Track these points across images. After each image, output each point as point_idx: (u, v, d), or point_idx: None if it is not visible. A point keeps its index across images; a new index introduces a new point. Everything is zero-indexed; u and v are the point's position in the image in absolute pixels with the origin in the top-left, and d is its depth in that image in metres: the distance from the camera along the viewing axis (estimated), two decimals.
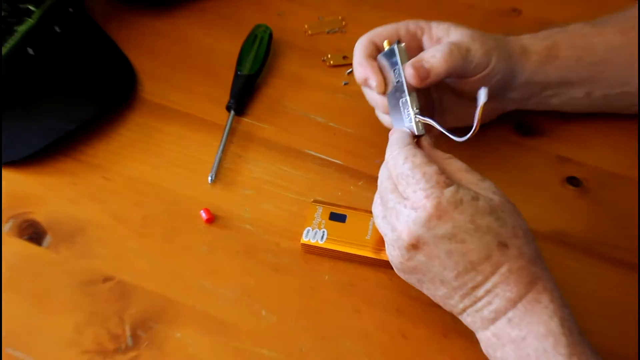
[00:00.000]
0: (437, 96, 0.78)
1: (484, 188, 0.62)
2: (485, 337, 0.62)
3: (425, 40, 0.74)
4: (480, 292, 0.61)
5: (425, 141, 0.67)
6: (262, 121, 0.83)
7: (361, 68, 0.73)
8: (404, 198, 0.62)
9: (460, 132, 0.65)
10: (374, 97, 0.74)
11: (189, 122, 0.82)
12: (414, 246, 0.61)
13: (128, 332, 0.66)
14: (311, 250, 0.71)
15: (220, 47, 0.89)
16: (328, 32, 0.92)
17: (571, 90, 0.78)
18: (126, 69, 0.85)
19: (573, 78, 0.77)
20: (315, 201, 0.74)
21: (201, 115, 0.82)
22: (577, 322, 0.60)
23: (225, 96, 0.83)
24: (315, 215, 0.73)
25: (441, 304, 0.65)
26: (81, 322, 0.67)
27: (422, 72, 0.69)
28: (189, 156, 0.79)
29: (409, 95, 0.68)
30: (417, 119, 0.67)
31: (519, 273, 0.60)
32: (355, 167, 0.79)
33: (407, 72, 0.69)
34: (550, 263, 0.72)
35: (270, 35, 0.88)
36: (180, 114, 0.83)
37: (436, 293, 0.64)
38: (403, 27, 0.74)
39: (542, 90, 0.78)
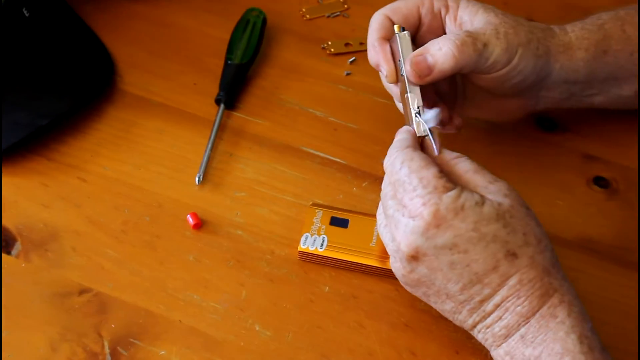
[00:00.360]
0: (459, 83, 0.77)
1: (494, 191, 0.63)
2: (498, 356, 0.63)
3: (448, 22, 0.73)
4: (489, 306, 0.62)
5: (430, 140, 0.66)
6: (255, 115, 0.84)
7: (373, 51, 0.71)
8: (403, 206, 0.62)
9: (480, 125, 0.65)
10: (388, 85, 0.74)
11: (173, 117, 0.83)
12: (414, 257, 0.62)
13: (107, 350, 0.68)
14: (310, 258, 0.73)
15: (208, 32, 0.90)
16: (328, 17, 0.93)
17: (618, 88, 0.77)
18: (103, 57, 0.86)
19: (622, 74, 0.76)
20: (314, 204, 0.76)
21: (187, 109, 0.84)
22: (605, 338, 0.61)
23: (214, 88, 0.85)
24: (314, 220, 0.74)
25: (451, 319, 0.66)
26: (55, 338, 0.68)
27: (423, 69, 0.68)
28: (173, 154, 0.80)
29: (410, 91, 0.68)
30: (417, 120, 0.67)
31: (530, 285, 0.61)
32: (359, 167, 0.80)
33: (406, 68, 0.68)
34: (575, 273, 0.73)
35: (264, 20, 0.89)
36: (163, 108, 0.84)
37: (443, 307, 0.65)
38: (427, 2, 0.72)
39: (585, 89, 0.76)
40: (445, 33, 0.73)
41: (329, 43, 0.90)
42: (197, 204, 0.77)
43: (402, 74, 0.69)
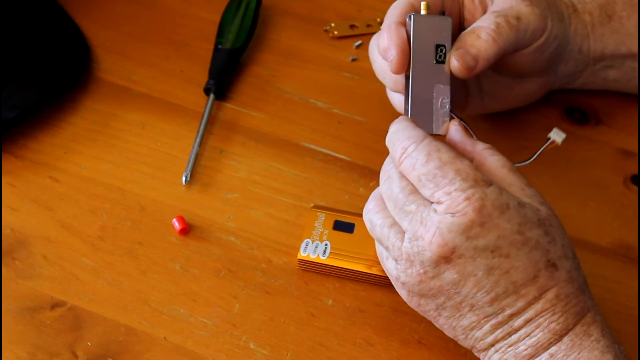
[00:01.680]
0: (472, 78, 0.77)
1: (530, 195, 0.63)
2: None
3: (468, 4, 0.74)
4: (519, 321, 0.62)
5: (453, 125, 0.68)
6: (249, 107, 0.84)
7: (388, 34, 0.71)
8: (436, 202, 0.61)
9: (503, 118, 0.65)
10: (385, 72, 0.74)
11: (157, 108, 0.83)
12: (446, 259, 0.61)
13: None
14: (311, 267, 0.73)
15: (196, 13, 0.90)
16: None
17: (632, 60, 0.79)
18: (77, 42, 0.86)
19: (634, 45, 0.78)
20: (316, 207, 0.75)
21: (172, 100, 0.84)
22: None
23: (202, 76, 0.85)
24: (316, 225, 0.74)
25: (460, 336, 0.65)
26: (24, 358, 0.68)
27: (470, 61, 0.69)
28: (157, 151, 0.80)
29: (444, 84, 0.70)
30: (451, 115, 0.69)
31: (567, 300, 0.61)
32: (366, 164, 0.80)
33: (453, 64, 0.69)
34: (610, 283, 0.73)
35: (259, 0, 0.90)
36: (146, 98, 0.84)
37: (458, 323, 0.64)
38: None
39: (597, 61, 0.79)
40: (463, 17, 0.75)
41: (332, 25, 0.90)
42: (184, 206, 0.76)
43: (439, 60, 0.70)
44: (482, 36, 0.70)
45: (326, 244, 0.73)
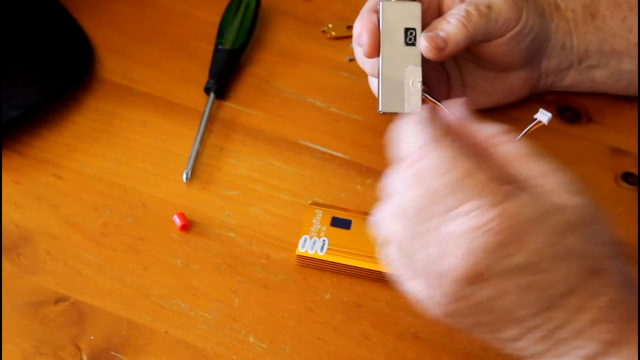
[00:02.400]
0: (453, 69, 0.80)
1: (560, 183, 0.56)
2: None
3: None
4: (566, 333, 0.55)
5: (456, 105, 0.60)
6: (248, 106, 0.84)
7: (360, 21, 0.73)
8: (458, 217, 0.54)
9: (494, 116, 0.66)
10: (362, 59, 0.76)
11: (158, 107, 0.83)
12: (480, 278, 0.54)
13: None
14: (309, 263, 0.73)
15: (196, 14, 0.90)
16: None
17: (617, 60, 0.80)
18: (80, 42, 0.86)
19: (618, 44, 0.79)
20: (314, 203, 0.76)
21: (173, 99, 0.84)
22: None
23: (203, 75, 0.85)
24: (314, 221, 0.74)
25: (502, 346, 0.57)
26: (29, 351, 0.68)
27: (440, 42, 0.71)
28: (158, 149, 0.80)
29: (414, 65, 0.72)
30: (423, 96, 0.71)
31: (622, 306, 0.54)
32: (363, 162, 0.80)
33: (422, 45, 0.71)
34: None
35: (258, 1, 0.90)
36: (147, 97, 0.84)
37: (499, 335, 0.57)
38: None
39: (582, 59, 0.80)
40: (442, 10, 0.76)
41: (330, 26, 0.90)
42: (185, 203, 0.77)
43: (408, 43, 0.72)
44: (451, 21, 0.71)
45: (324, 240, 0.73)
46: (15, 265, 0.73)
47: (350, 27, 0.90)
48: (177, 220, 0.75)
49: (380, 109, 0.72)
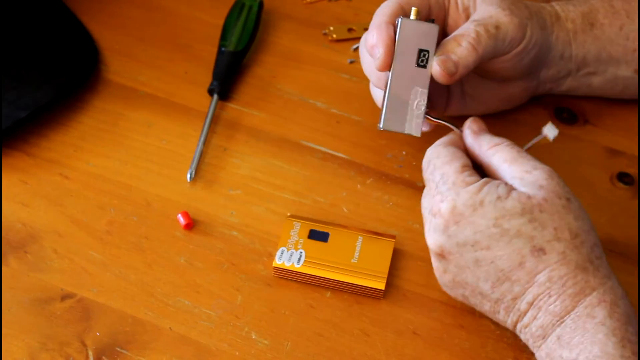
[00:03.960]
0: (457, 82, 0.79)
1: (530, 182, 0.64)
2: (540, 358, 0.64)
3: (452, 11, 0.76)
4: (522, 304, 0.63)
5: (470, 128, 0.69)
6: (250, 107, 0.84)
7: (377, 32, 0.72)
8: (430, 204, 0.66)
9: (492, 118, 0.66)
10: (371, 68, 0.75)
11: (162, 108, 0.83)
12: (441, 256, 0.65)
13: (91, 359, 0.68)
14: (286, 275, 0.72)
15: (200, 17, 0.90)
16: (330, 0, 0.93)
17: (614, 67, 0.80)
18: (86, 44, 0.86)
19: (616, 51, 0.79)
20: (292, 216, 0.75)
21: (177, 100, 0.84)
22: None
23: (206, 77, 0.85)
24: (292, 233, 0.74)
25: (494, 319, 0.67)
26: (35, 347, 0.68)
27: (451, 68, 0.70)
28: (163, 149, 0.80)
29: (422, 87, 0.71)
30: (425, 117, 0.71)
31: (561, 282, 0.62)
32: (363, 162, 0.80)
33: (434, 69, 0.71)
34: None
35: (261, 4, 0.90)
36: (152, 98, 0.84)
37: (483, 308, 0.67)
38: None
39: (580, 67, 0.80)
40: (447, 23, 0.76)
41: (331, 28, 0.90)
42: (189, 202, 0.77)
43: (420, 64, 0.71)
44: (462, 44, 0.71)
45: (301, 252, 0.73)
46: (22, 262, 0.73)
47: (351, 30, 0.90)
48: (181, 219, 0.75)
49: (380, 125, 0.71)
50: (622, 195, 0.79)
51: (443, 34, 0.76)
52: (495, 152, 0.67)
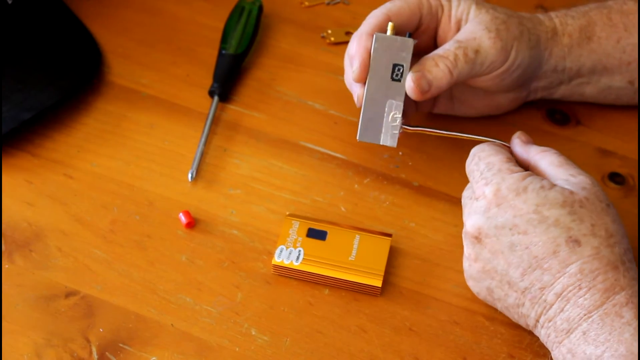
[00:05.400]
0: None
1: (574, 183, 0.65)
2: (560, 355, 0.63)
3: (444, 22, 0.76)
4: (550, 295, 0.63)
5: (519, 138, 0.71)
6: (250, 108, 0.84)
7: (357, 43, 0.73)
8: (473, 192, 0.67)
9: (472, 121, 0.66)
10: (350, 80, 0.76)
11: (164, 110, 0.83)
12: (477, 239, 0.66)
13: (95, 355, 0.68)
14: (285, 273, 0.73)
15: (201, 21, 0.90)
16: (328, 4, 0.93)
17: (608, 78, 0.80)
18: (90, 47, 0.87)
19: (611, 63, 0.79)
20: (291, 215, 0.75)
21: (179, 102, 0.84)
22: None
23: (207, 79, 0.85)
24: (290, 232, 0.74)
25: (516, 317, 0.67)
26: (40, 343, 0.69)
27: (424, 86, 0.72)
28: (165, 150, 0.81)
29: (396, 99, 0.72)
30: (402, 129, 0.72)
31: (592, 276, 0.62)
32: (360, 162, 0.80)
33: (407, 85, 0.71)
34: None
35: (260, 8, 0.90)
36: (154, 100, 0.84)
37: (507, 301, 0.66)
38: (426, 3, 0.75)
39: (573, 78, 0.80)
40: (438, 34, 0.77)
41: (329, 32, 0.90)
42: (190, 201, 0.77)
43: (394, 77, 0.72)
44: (440, 65, 0.72)
45: (299, 251, 0.73)
46: (27, 260, 0.73)
47: (349, 33, 0.90)
48: (183, 218, 0.75)
49: (357, 137, 0.73)
50: (613, 195, 0.79)
51: (433, 44, 0.77)
52: (543, 157, 0.68)
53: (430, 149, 0.81)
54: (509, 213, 0.64)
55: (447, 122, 0.81)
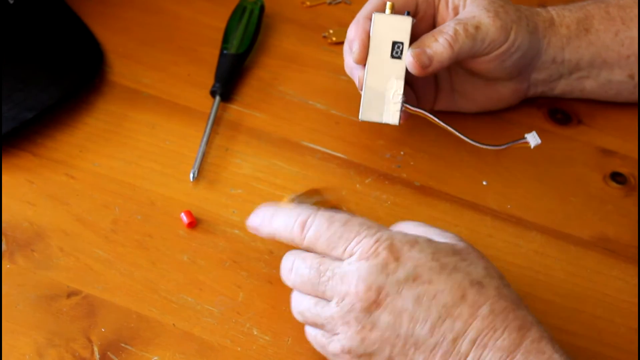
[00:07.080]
0: (444, 73, 0.80)
1: (448, 237, 0.64)
2: None
3: (442, 9, 0.76)
4: (464, 345, 0.59)
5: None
6: (252, 108, 0.84)
7: (355, 27, 0.74)
8: (348, 255, 0.62)
9: (473, 121, 0.66)
10: (351, 65, 0.76)
11: (166, 110, 0.83)
12: (375, 302, 0.60)
13: (96, 355, 0.68)
14: None
15: (202, 20, 0.90)
16: (330, 3, 0.93)
17: (608, 71, 0.80)
18: (91, 47, 0.86)
19: (610, 57, 0.79)
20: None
21: (181, 102, 0.84)
22: (625, 343, 0.63)
23: (209, 79, 0.85)
24: None
25: None
26: (42, 343, 0.68)
27: (425, 60, 0.71)
28: (166, 149, 0.80)
29: (397, 78, 0.72)
30: (404, 107, 0.72)
31: (504, 315, 0.59)
32: (362, 162, 0.80)
33: (407, 60, 0.71)
34: (591, 274, 0.73)
35: (262, 8, 0.90)
36: (155, 100, 0.84)
37: None
38: None
39: (573, 71, 0.80)
40: (436, 20, 0.77)
41: (331, 31, 0.90)
42: (192, 201, 0.77)
43: (394, 56, 0.72)
44: (439, 40, 0.72)
45: None
46: (29, 260, 0.72)
47: None
48: (184, 218, 0.75)
49: (360, 117, 0.73)
50: (615, 194, 0.79)
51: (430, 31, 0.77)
52: (397, 225, 0.66)
53: (432, 149, 0.81)
54: (409, 264, 0.60)
55: (449, 120, 0.81)
